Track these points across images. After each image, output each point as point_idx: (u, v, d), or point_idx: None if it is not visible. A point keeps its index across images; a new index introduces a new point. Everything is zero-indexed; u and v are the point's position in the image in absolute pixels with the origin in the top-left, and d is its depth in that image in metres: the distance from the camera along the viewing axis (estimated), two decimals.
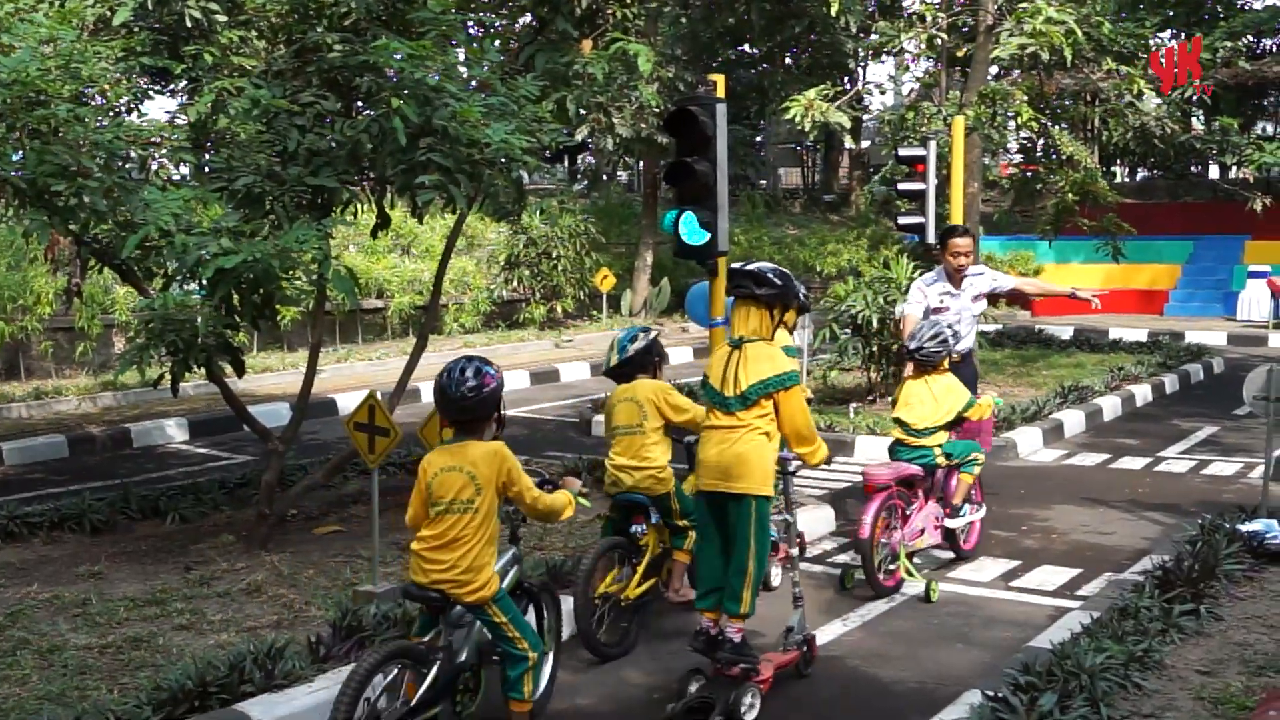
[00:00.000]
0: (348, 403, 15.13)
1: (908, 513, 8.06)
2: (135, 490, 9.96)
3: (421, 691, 5.11)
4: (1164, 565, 7.46)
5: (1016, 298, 21.39)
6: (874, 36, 18.17)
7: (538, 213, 23.53)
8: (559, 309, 23.96)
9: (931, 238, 12.55)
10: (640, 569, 7.06)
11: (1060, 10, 14.87)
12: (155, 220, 7.33)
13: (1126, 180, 41.91)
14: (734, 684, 5.92)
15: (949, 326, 8.48)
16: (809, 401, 7.09)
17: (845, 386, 15.14)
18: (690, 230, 8.77)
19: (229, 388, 9.14)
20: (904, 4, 28.86)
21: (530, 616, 5.77)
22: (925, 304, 9.70)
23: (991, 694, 5.59)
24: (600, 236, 25.70)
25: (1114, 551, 8.91)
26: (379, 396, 7.41)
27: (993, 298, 10.77)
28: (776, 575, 7.97)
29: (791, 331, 7.23)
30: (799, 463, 6.55)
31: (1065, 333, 21.68)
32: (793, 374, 6.11)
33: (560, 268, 23.55)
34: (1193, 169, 40.16)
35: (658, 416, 7.10)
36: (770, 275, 6.19)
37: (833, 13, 17.17)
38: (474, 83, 8.90)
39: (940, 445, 8.22)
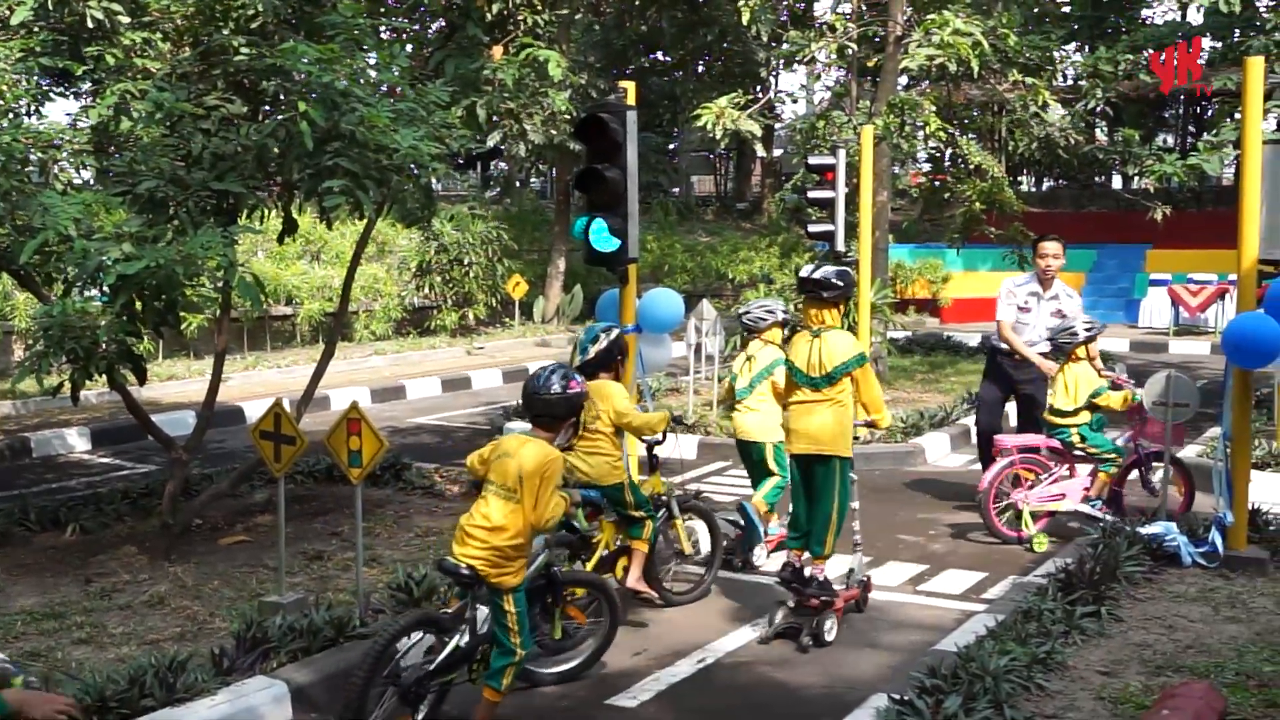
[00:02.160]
0: (255, 411, 14.92)
1: (1042, 478, 9.31)
2: (34, 501, 9.75)
3: (442, 657, 5.57)
4: (1067, 568, 7.59)
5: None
6: (785, 45, 18.32)
7: (449, 219, 23.41)
8: (471, 316, 23.87)
9: (841, 245, 12.67)
10: (590, 565, 7.51)
11: (967, 23, 15.09)
12: (55, 225, 7.18)
13: (1033, 190, 42.62)
14: (815, 612, 7.21)
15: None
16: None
17: None
18: (600, 237, 8.77)
19: (132, 396, 8.97)
20: (815, 14, 29.19)
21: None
22: (1015, 303, 10.21)
23: (897, 697, 5.65)
24: (513, 243, 25.65)
25: (1019, 555, 9.04)
26: (287, 404, 7.31)
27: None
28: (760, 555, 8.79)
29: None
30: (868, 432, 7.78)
31: (973, 340, 21.96)
32: (864, 355, 7.39)
33: (472, 274, 23.47)
34: (1096, 179, 40.96)
35: (608, 418, 7.52)
36: (834, 279, 7.31)
37: (744, 21, 17.24)
38: (383, 88, 8.83)
39: (1078, 426, 9.25)
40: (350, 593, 7.35)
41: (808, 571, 7.27)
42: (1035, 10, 32.36)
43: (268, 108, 8.71)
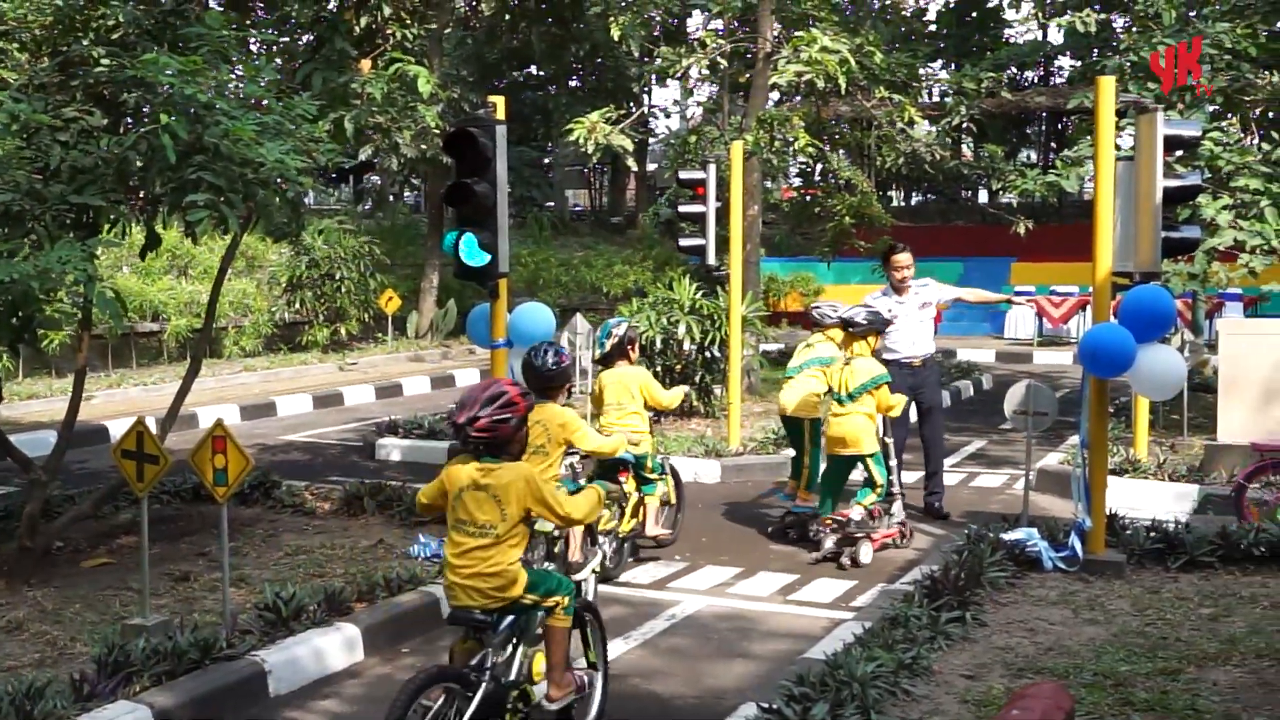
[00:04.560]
0: (120, 429, 14.51)
1: None
2: None
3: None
4: (932, 575, 7.74)
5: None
6: (657, 61, 18.44)
7: (318, 233, 23.13)
8: (343, 331, 23.59)
9: (712, 259, 12.77)
10: (628, 511, 8.98)
11: (835, 40, 15.33)
12: None
13: (902, 204, 43.55)
14: (854, 542, 9.15)
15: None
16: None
17: None
18: (470, 252, 8.72)
19: None
20: (688, 30, 29.44)
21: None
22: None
23: (766, 706, 5.71)
24: (385, 258, 25.42)
25: (887, 563, 9.20)
26: (151, 422, 7.16)
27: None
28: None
29: (874, 352, 9.73)
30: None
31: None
32: (881, 376, 9.35)
33: (344, 289, 23.22)
34: (963, 194, 41.95)
35: (641, 396, 9.21)
36: (860, 319, 9.53)
37: (615, 37, 17.33)
38: (249, 100, 8.70)
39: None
40: (217, 614, 7.21)
41: (855, 514, 9.24)
42: (902, 29, 32.99)
43: (129, 120, 8.53)
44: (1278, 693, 6.07)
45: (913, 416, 10.81)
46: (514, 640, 5.50)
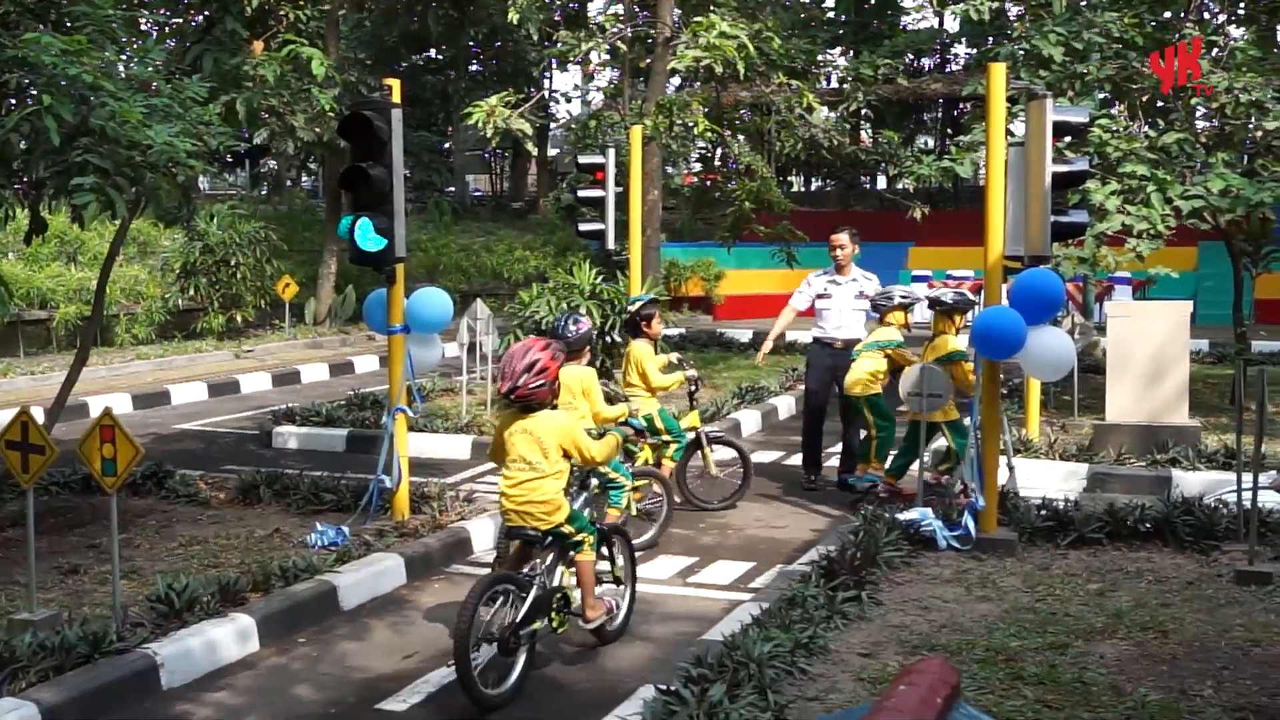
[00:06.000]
0: (4, 420, 14.20)
1: None
2: None
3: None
4: (829, 555, 7.83)
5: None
6: (558, 45, 18.38)
7: (210, 218, 22.73)
8: (239, 318, 23.20)
9: (611, 244, 12.77)
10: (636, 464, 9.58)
11: (734, 26, 15.41)
12: None
13: (802, 190, 43.82)
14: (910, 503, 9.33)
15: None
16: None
17: None
18: (365, 236, 8.65)
19: None
20: (590, 14, 29.38)
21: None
22: (808, 292, 11.17)
23: (664, 688, 5.74)
24: (282, 243, 25.06)
25: (785, 544, 9.29)
26: (39, 412, 6.99)
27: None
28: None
29: (957, 332, 10.27)
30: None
31: (745, 336, 22.45)
32: (957, 353, 9.92)
33: (240, 276, 22.83)
34: (862, 180, 42.35)
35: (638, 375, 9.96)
36: (945, 299, 10.18)
37: (513, 21, 17.23)
38: (137, 82, 8.51)
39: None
40: (107, 607, 7.07)
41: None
42: (802, 16, 33.22)
43: (12, 101, 8.31)
44: (1161, 664, 6.24)
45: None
46: (556, 557, 6.78)
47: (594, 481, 7.45)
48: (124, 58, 8.78)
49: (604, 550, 7.16)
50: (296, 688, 6.59)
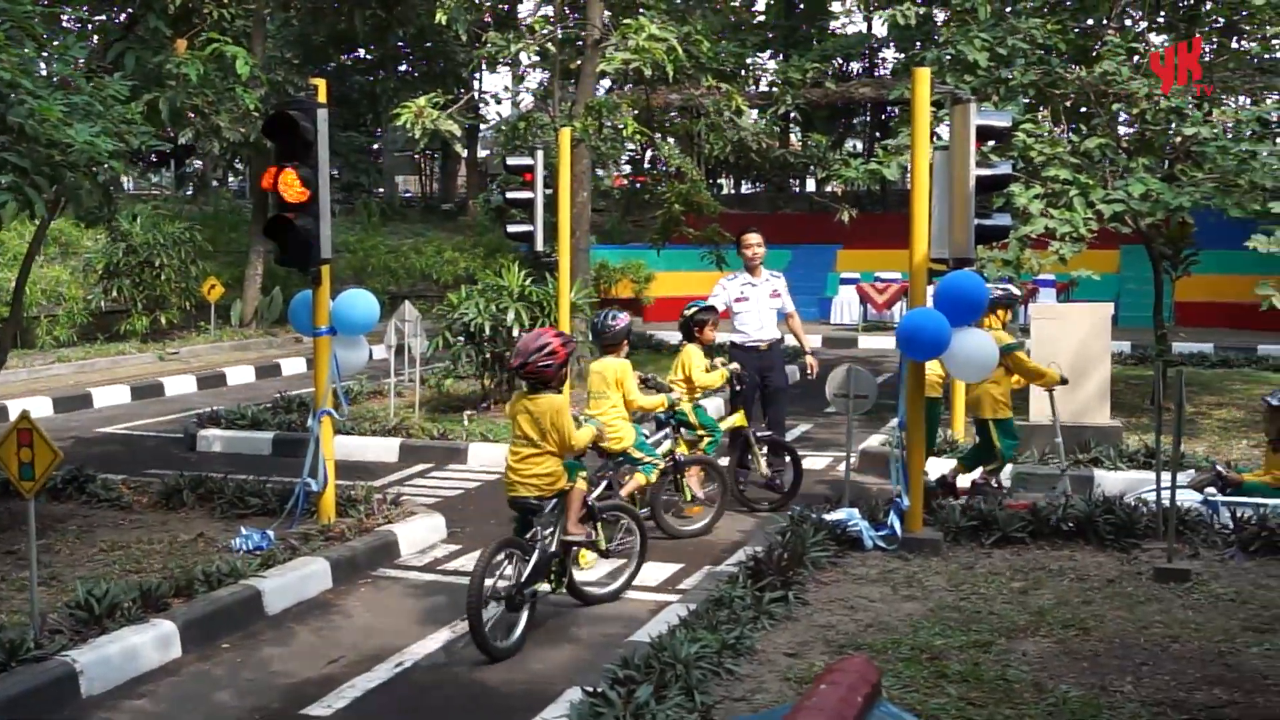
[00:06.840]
0: None
1: None
2: None
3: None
4: (756, 556, 7.86)
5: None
6: (487, 46, 18.28)
7: (133, 219, 22.40)
8: (164, 320, 22.92)
9: (540, 246, 12.73)
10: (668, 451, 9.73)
11: (663, 28, 15.40)
12: None
13: (732, 192, 44.02)
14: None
15: None
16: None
17: (459, 394, 15.14)
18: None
19: None
20: (520, 15, 29.29)
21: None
22: (724, 296, 11.08)
23: (591, 690, 5.73)
24: (207, 244, 24.78)
25: (713, 545, 9.32)
26: None
27: None
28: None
29: (1004, 326, 10.29)
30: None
31: (674, 338, 22.43)
32: (1009, 345, 9.88)
33: (164, 277, 22.56)
34: (791, 182, 42.62)
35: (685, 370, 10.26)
36: (993, 292, 9.74)
37: (442, 21, 17.11)
38: (56, 80, 8.38)
39: None
40: (25, 614, 6.94)
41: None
42: (731, 19, 33.33)
43: None
44: (1082, 661, 6.33)
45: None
46: (554, 521, 7.49)
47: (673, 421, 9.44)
48: (44, 55, 8.64)
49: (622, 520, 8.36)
50: (219, 694, 6.51)
